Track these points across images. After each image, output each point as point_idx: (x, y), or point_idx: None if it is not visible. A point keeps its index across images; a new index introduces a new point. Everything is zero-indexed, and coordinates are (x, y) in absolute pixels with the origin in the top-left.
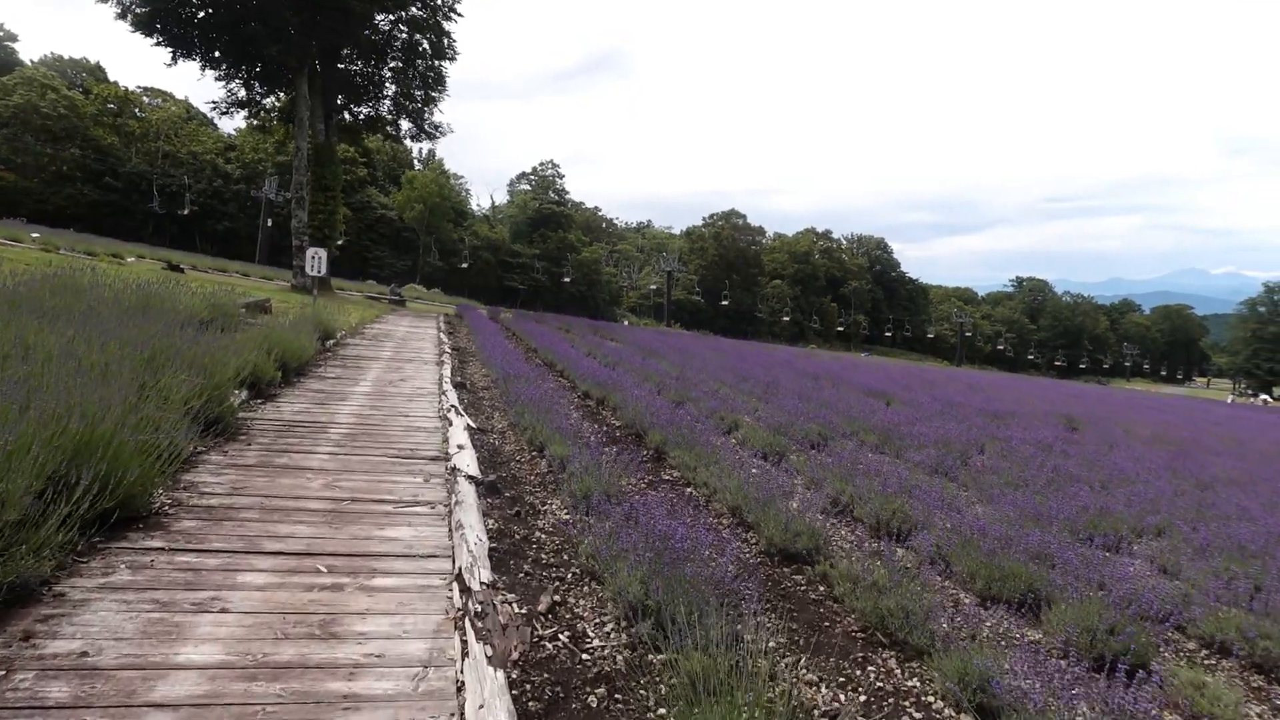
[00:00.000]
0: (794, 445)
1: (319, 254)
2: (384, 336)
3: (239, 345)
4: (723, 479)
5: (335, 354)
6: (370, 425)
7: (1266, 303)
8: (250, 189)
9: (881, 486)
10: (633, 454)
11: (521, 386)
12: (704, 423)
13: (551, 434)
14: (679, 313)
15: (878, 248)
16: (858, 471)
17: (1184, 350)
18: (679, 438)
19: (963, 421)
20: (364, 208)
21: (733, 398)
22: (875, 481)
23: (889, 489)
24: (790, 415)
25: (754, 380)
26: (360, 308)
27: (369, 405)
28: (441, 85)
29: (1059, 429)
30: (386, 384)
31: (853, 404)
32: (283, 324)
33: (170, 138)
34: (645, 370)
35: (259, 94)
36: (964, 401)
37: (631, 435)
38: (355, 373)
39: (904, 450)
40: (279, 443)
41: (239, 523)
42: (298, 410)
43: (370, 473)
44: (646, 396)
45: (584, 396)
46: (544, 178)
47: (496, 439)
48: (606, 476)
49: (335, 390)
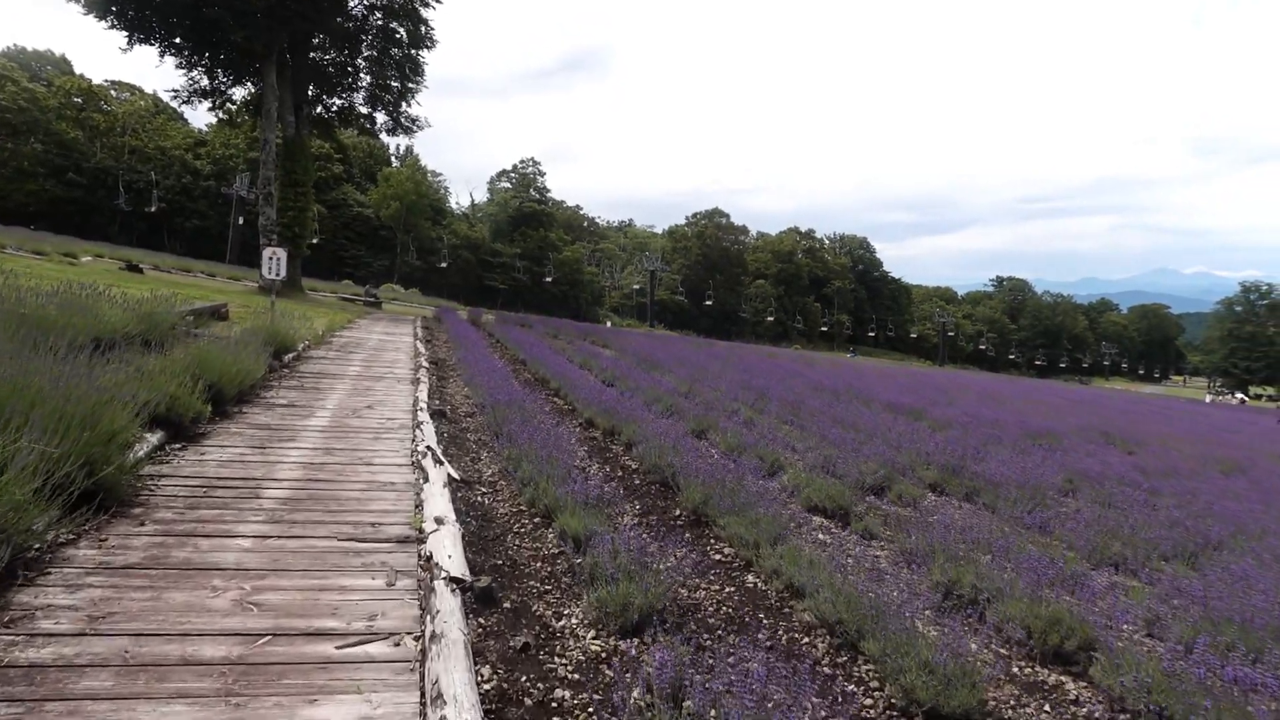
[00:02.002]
0: (850, 490)
1: (277, 254)
2: (354, 346)
3: (156, 372)
4: (804, 571)
5: (294, 371)
6: (319, 483)
7: (1243, 302)
8: (221, 186)
9: (992, 559)
10: (661, 511)
11: (513, 416)
12: (735, 460)
13: (559, 496)
14: (662, 313)
15: (860, 247)
16: (949, 535)
17: (1161, 349)
18: (720, 491)
19: (1016, 448)
20: (339, 205)
21: (757, 422)
22: (987, 556)
23: (1021, 572)
24: (830, 444)
25: (773, 398)
26: (330, 312)
27: (323, 448)
28: (419, 75)
29: (1112, 452)
30: (350, 413)
31: (889, 426)
32: (232, 336)
33: (137, 132)
34: (649, 387)
35: (224, 83)
36: (995, 417)
37: (655, 484)
38: (313, 397)
39: (974, 491)
40: (186, 519)
41: (68, 710)
42: (226, 460)
43: (309, 571)
44: (665, 429)
45: (587, 425)
46: (524, 175)
47: (486, 493)
48: (654, 587)
49: (283, 425)
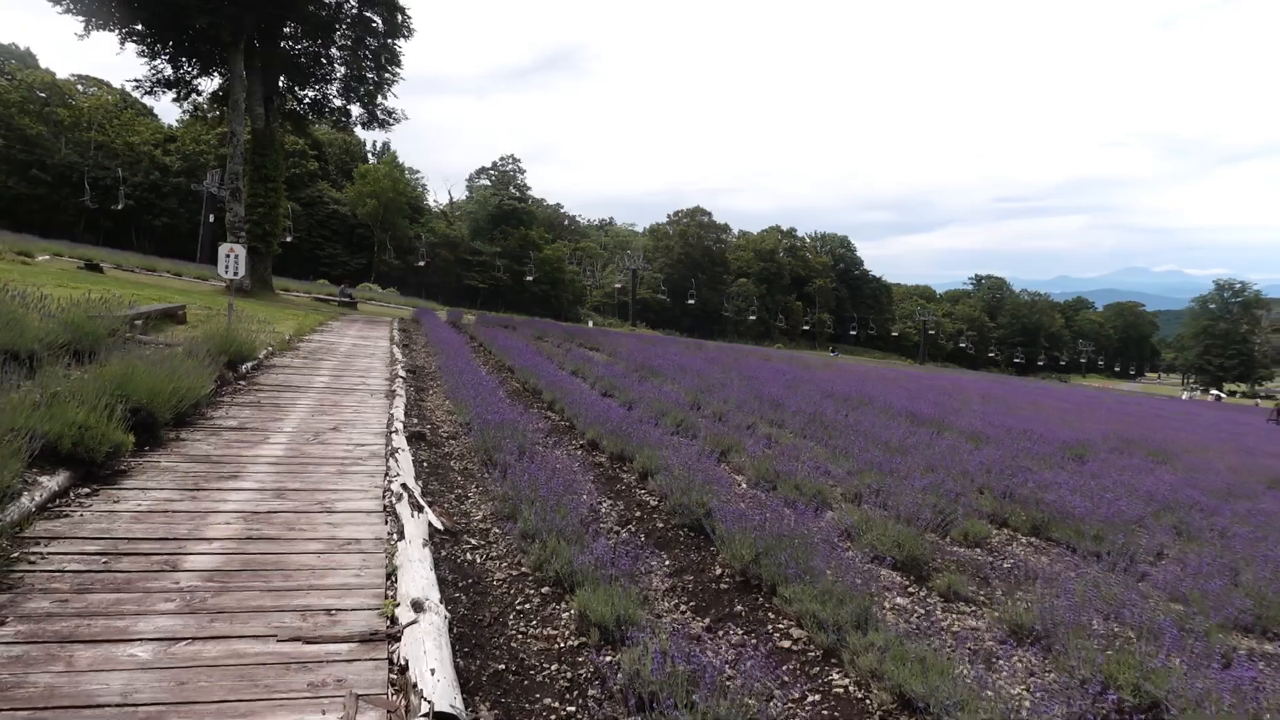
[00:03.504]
0: (915, 531)
1: (235, 251)
2: (324, 353)
3: (68, 394)
4: (915, 674)
5: (251, 383)
6: (262, 543)
7: (1217, 300)
8: (191, 182)
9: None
10: (697, 568)
11: (506, 441)
12: (767, 489)
13: (576, 562)
14: (644, 312)
15: (841, 245)
16: (1051, 595)
17: (1136, 347)
18: (772, 543)
19: (1050, 462)
20: (314, 203)
21: (779, 439)
22: (1118, 627)
23: (1177, 652)
24: (870, 468)
25: (786, 408)
26: (301, 314)
27: (273, 488)
28: (395, 66)
29: (1151, 465)
30: (311, 437)
31: (917, 440)
32: (179, 344)
33: (104, 128)
34: (653, 399)
35: (189, 73)
36: (1019, 426)
37: (683, 528)
38: (270, 416)
39: (1042, 525)
40: (68, 611)
41: None
42: (145, 509)
43: (230, 703)
44: (687, 458)
45: (590, 448)
46: (504, 173)
47: (476, 548)
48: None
49: (227, 456)
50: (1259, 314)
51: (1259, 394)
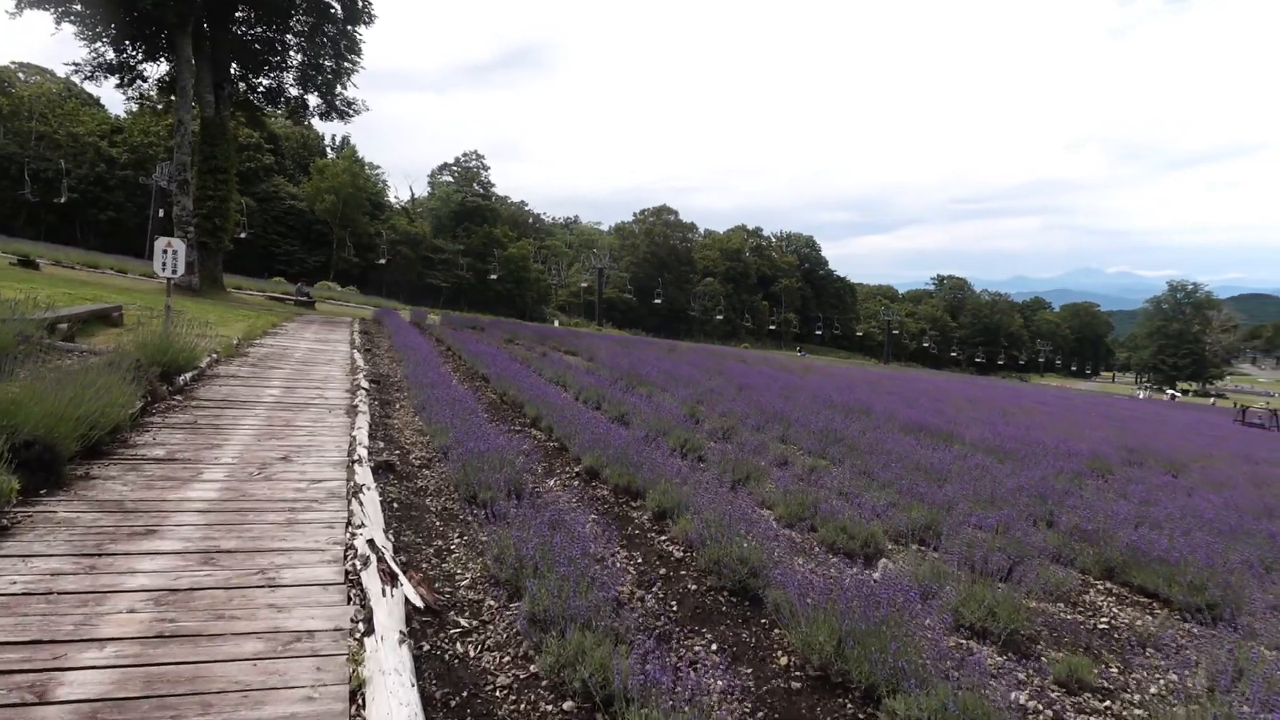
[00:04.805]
0: (991, 587)
1: (173, 247)
2: (276, 358)
3: None
4: None
5: (189, 397)
6: (175, 645)
7: (1170, 300)
8: (139, 175)
9: None
10: (754, 654)
11: (492, 474)
12: (802, 529)
13: (624, 682)
14: (610, 311)
15: (806, 245)
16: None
17: (1091, 346)
18: (862, 629)
19: (1075, 479)
20: (270, 198)
21: (793, 458)
22: None
23: None
24: (907, 499)
25: (791, 421)
26: (253, 314)
27: (200, 550)
28: (355, 54)
29: (1169, 479)
30: (255, 470)
31: (940, 460)
32: (100, 354)
33: (46, 117)
34: (649, 413)
35: (133, 58)
36: (1027, 436)
37: (723, 591)
38: (207, 442)
39: (1117, 568)
40: None
41: None
42: (19, 592)
43: None
44: (705, 486)
45: (589, 477)
46: (468, 169)
47: (467, 632)
48: None
49: (146, 501)
50: (1210, 314)
51: (1210, 393)
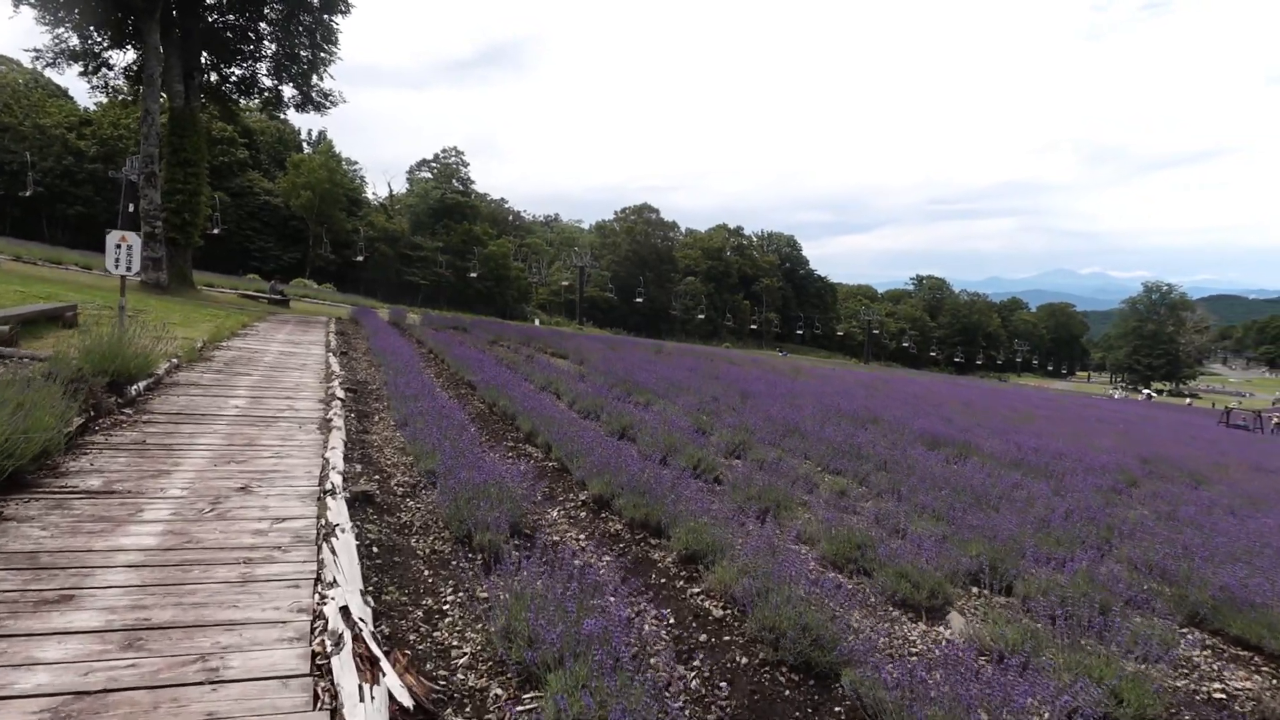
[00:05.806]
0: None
1: (126, 241)
2: (244, 364)
3: None
4: None
5: (140, 411)
6: None
7: (1145, 301)
8: (108, 169)
9: None
10: None
11: (491, 513)
12: (853, 574)
13: None
14: (592, 310)
15: (787, 245)
16: None
17: (1067, 346)
18: None
19: (1113, 497)
20: (244, 193)
21: (817, 478)
22: None
23: None
24: (967, 533)
25: (805, 433)
26: (222, 314)
27: (123, 628)
28: (332, 44)
29: (1195, 491)
30: (208, 506)
31: (966, 478)
32: (35, 363)
33: (11, 109)
34: (653, 426)
35: (98, 44)
36: (1036, 444)
37: (784, 665)
38: (154, 468)
39: (1204, 613)
40: None
41: None
42: None
43: None
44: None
45: (598, 507)
46: (447, 165)
47: None
48: None
49: (66, 552)
50: (1184, 315)
51: (1184, 393)
